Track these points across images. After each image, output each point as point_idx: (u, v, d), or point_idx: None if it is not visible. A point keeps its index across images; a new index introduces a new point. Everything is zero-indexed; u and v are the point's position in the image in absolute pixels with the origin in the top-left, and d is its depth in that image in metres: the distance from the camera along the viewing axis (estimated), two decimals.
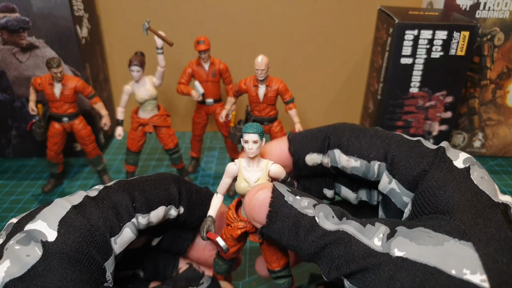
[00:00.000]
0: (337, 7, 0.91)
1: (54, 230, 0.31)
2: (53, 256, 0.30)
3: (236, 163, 0.40)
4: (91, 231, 0.33)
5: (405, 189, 0.33)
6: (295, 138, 0.40)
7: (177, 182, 0.40)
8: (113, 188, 0.37)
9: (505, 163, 0.88)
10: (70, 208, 0.33)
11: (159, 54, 0.71)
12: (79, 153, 0.90)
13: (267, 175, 0.39)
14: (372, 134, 0.37)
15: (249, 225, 0.40)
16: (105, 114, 0.75)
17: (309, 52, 0.95)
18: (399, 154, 0.34)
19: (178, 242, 0.45)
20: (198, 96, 0.77)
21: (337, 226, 0.31)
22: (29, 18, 0.77)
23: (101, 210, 0.34)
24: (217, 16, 0.91)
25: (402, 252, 0.27)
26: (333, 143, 0.38)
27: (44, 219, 0.32)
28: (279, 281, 0.44)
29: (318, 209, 0.33)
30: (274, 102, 0.69)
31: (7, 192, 0.77)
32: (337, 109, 1.02)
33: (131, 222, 0.36)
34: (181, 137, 0.99)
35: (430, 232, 0.28)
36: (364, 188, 0.41)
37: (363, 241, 0.29)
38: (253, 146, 0.37)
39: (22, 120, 0.86)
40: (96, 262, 0.32)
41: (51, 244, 0.30)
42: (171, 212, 0.40)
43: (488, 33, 0.78)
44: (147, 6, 0.90)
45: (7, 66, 0.81)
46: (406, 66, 0.73)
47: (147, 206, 0.37)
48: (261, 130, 0.37)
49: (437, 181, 0.31)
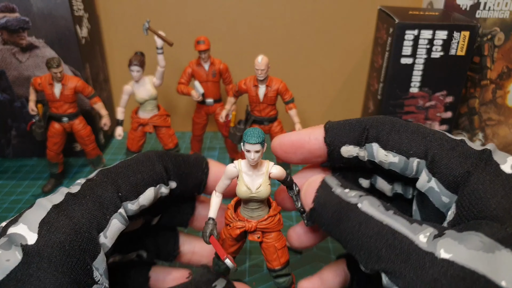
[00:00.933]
0: (337, 7, 0.91)
1: (35, 233, 0.30)
2: (33, 260, 0.29)
3: (236, 165, 0.39)
4: (75, 229, 0.31)
5: (445, 189, 0.32)
6: (332, 127, 0.38)
7: (161, 159, 0.39)
8: (95, 181, 0.35)
9: None
10: (51, 208, 0.32)
11: (159, 54, 0.71)
12: (79, 153, 0.90)
13: (268, 178, 0.38)
14: (413, 130, 0.35)
15: (248, 224, 0.40)
16: (105, 114, 0.75)
17: (309, 52, 0.95)
18: (440, 153, 0.33)
19: (178, 217, 0.45)
20: (198, 96, 0.77)
21: (382, 216, 0.30)
22: (29, 18, 0.77)
23: (84, 206, 0.33)
24: (217, 16, 0.91)
25: (449, 254, 0.26)
26: (371, 136, 0.36)
27: (25, 222, 0.31)
28: (279, 280, 0.44)
29: (363, 198, 0.32)
30: (274, 102, 0.69)
31: (7, 192, 0.77)
32: (337, 109, 1.02)
33: (118, 213, 0.35)
34: (181, 137, 0.99)
35: (482, 237, 0.26)
36: (400, 181, 0.39)
37: (408, 236, 0.28)
38: (255, 156, 0.37)
39: (22, 120, 0.86)
40: (81, 263, 0.31)
41: (31, 247, 0.29)
42: (161, 191, 0.39)
43: (488, 33, 0.78)
44: (147, 6, 0.90)
45: (7, 66, 0.81)
46: (406, 66, 0.73)
47: (134, 192, 0.36)
48: (263, 138, 0.36)
49: (484, 184, 0.29)
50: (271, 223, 0.41)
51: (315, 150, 0.39)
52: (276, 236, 0.42)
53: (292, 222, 0.69)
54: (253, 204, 0.40)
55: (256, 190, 0.38)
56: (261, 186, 0.38)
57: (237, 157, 0.84)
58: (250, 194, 0.39)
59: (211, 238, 0.39)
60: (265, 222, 0.41)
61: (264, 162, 0.39)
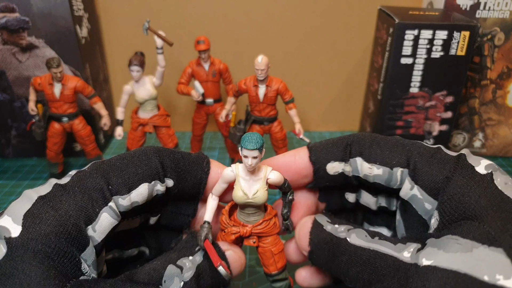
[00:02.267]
0: (337, 7, 0.90)
1: (19, 225, 0.30)
2: (17, 253, 0.28)
3: (233, 169, 0.38)
4: (61, 221, 0.31)
5: (427, 195, 0.34)
6: (315, 146, 0.40)
7: (158, 154, 0.37)
8: (86, 172, 0.34)
9: (506, 163, 0.88)
10: (36, 199, 0.31)
11: (159, 54, 0.71)
12: (79, 153, 0.90)
13: (265, 183, 0.38)
14: (393, 142, 0.37)
15: (243, 229, 0.39)
16: (105, 114, 0.75)
17: (309, 52, 0.95)
18: (421, 160, 0.34)
19: (178, 218, 0.43)
20: (198, 96, 0.77)
21: (369, 244, 0.32)
22: (29, 18, 0.77)
23: (71, 198, 0.32)
24: (217, 16, 0.91)
25: (430, 261, 0.27)
26: (354, 150, 0.38)
27: (10, 214, 0.30)
28: (277, 284, 0.44)
29: (351, 232, 0.34)
30: (274, 102, 0.69)
31: (7, 192, 0.77)
32: (337, 109, 1.02)
33: (108, 206, 0.34)
34: (181, 137, 0.99)
35: (458, 239, 0.28)
36: (384, 194, 0.41)
37: (393, 255, 0.30)
38: (252, 162, 0.36)
39: (22, 120, 0.86)
40: (68, 255, 0.30)
41: (15, 240, 0.29)
42: (157, 188, 0.37)
43: (488, 33, 0.78)
44: (147, 6, 0.90)
45: (7, 66, 0.81)
46: (406, 66, 0.73)
47: (125, 186, 0.35)
48: (261, 144, 0.36)
49: (461, 187, 0.31)
50: (266, 227, 0.40)
51: (301, 170, 0.40)
52: (273, 240, 0.41)
53: None
54: (249, 209, 0.39)
55: (252, 195, 0.38)
56: (258, 192, 0.38)
57: (237, 157, 0.84)
58: (246, 200, 0.38)
59: (206, 243, 0.38)
60: (260, 227, 0.40)
61: (262, 167, 0.38)
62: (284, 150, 0.73)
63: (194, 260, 0.37)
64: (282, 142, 0.72)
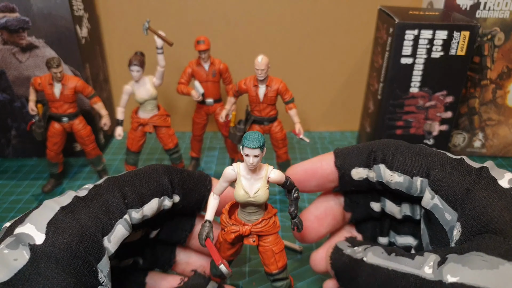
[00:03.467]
0: (337, 7, 0.91)
1: (42, 233, 0.31)
2: (41, 259, 0.29)
3: (234, 168, 0.38)
4: (81, 231, 0.32)
5: (448, 205, 0.34)
6: (341, 152, 0.41)
7: (167, 172, 0.40)
8: (103, 187, 0.37)
9: (506, 163, 0.88)
10: (58, 210, 0.33)
11: (159, 54, 0.71)
12: (79, 153, 0.90)
13: (267, 182, 0.38)
14: (416, 151, 0.37)
15: (242, 228, 0.40)
16: (105, 114, 0.75)
17: (309, 52, 0.95)
18: (441, 171, 0.35)
19: (176, 232, 0.46)
20: (198, 96, 0.77)
21: (386, 262, 0.33)
22: (29, 18, 0.77)
23: (90, 210, 0.34)
24: (217, 16, 0.91)
25: (456, 278, 0.27)
26: (378, 157, 0.39)
27: (33, 222, 0.31)
28: (277, 284, 0.43)
29: (367, 250, 0.35)
30: (274, 102, 0.69)
31: (7, 192, 0.77)
32: (337, 109, 1.02)
33: (123, 218, 0.36)
34: (181, 137, 0.99)
35: (483, 255, 0.28)
36: (407, 203, 0.41)
37: (414, 273, 0.30)
38: (254, 160, 0.36)
39: (22, 120, 0.86)
40: (86, 264, 0.31)
41: (39, 247, 0.30)
42: (165, 203, 0.40)
43: (488, 33, 0.78)
44: (147, 6, 0.90)
45: (7, 66, 0.81)
46: (406, 66, 0.73)
47: (139, 200, 0.37)
48: (262, 143, 0.36)
49: (484, 200, 0.31)
50: (265, 226, 0.40)
51: (328, 175, 0.41)
52: (273, 239, 0.41)
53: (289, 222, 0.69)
54: (250, 208, 0.40)
55: (254, 194, 0.38)
56: (259, 191, 0.38)
57: (237, 157, 0.84)
58: (247, 199, 0.38)
59: (207, 241, 0.39)
60: (260, 226, 0.40)
61: (263, 166, 0.38)
62: (284, 150, 0.73)
63: None
64: (282, 142, 0.72)
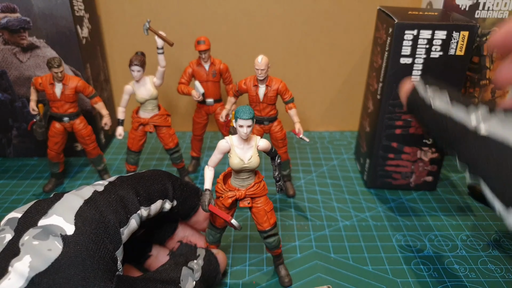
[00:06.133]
0: (337, 7, 0.91)
1: (71, 224, 0.33)
2: (73, 249, 0.31)
3: (227, 140, 0.45)
4: (105, 222, 0.35)
5: None
6: None
7: (170, 178, 0.45)
8: (117, 184, 0.40)
9: None
10: (83, 203, 0.35)
11: (159, 54, 0.71)
12: (79, 152, 0.90)
13: (257, 150, 0.45)
14: None
15: (238, 192, 0.46)
16: (105, 114, 0.75)
17: (309, 52, 0.96)
18: None
19: (159, 234, 0.51)
20: (198, 96, 0.77)
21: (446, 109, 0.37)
22: (30, 18, 0.77)
23: (110, 203, 0.37)
24: (217, 16, 0.92)
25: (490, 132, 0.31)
26: None
27: (59, 214, 0.34)
28: (270, 240, 0.50)
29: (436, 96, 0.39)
30: (274, 101, 0.69)
31: (7, 191, 0.77)
32: (337, 109, 1.03)
33: (136, 214, 0.39)
34: (182, 137, 1.00)
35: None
36: None
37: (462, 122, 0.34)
38: (247, 130, 0.43)
39: (23, 120, 0.86)
40: (109, 252, 0.34)
41: (70, 237, 0.32)
42: (165, 206, 0.44)
43: (487, 33, 0.78)
44: (148, 7, 0.91)
45: (8, 66, 0.81)
46: (405, 66, 0.73)
47: (148, 199, 0.41)
48: (253, 114, 0.42)
49: None
50: (258, 188, 0.47)
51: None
52: (264, 200, 0.48)
53: (274, 187, 0.75)
54: (244, 174, 0.46)
55: (248, 161, 0.44)
56: (252, 157, 0.44)
57: None
58: (243, 165, 0.44)
59: (210, 206, 0.45)
60: (253, 189, 0.47)
61: (253, 137, 0.45)
62: (284, 149, 0.74)
63: (199, 263, 0.45)
64: (282, 141, 0.73)
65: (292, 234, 0.65)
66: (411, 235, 0.65)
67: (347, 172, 0.85)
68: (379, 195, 0.76)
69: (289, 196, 0.75)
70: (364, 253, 0.61)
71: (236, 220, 0.47)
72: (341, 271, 0.57)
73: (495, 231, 0.66)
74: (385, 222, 0.68)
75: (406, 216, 0.69)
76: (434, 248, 0.62)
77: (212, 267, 0.47)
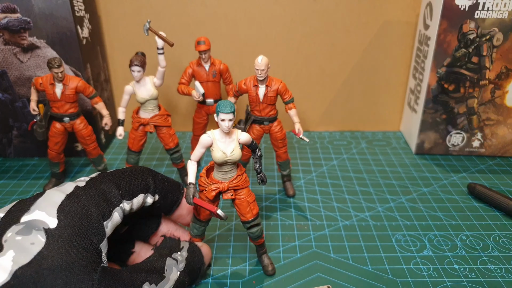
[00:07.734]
0: (337, 7, 0.91)
1: (54, 217, 0.34)
2: (57, 241, 0.32)
3: (209, 135, 0.46)
4: (87, 215, 0.36)
5: None
6: None
7: (151, 173, 0.46)
8: (98, 179, 0.41)
9: (504, 162, 0.88)
10: (65, 197, 0.36)
11: (159, 55, 0.71)
12: (80, 152, 0.90)
13: (238, 143, 0.46)
14: None
15: (221, 185, 0.47)
16: (106, 114, 0.75)
17: (309, 52, 0.96)
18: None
19: (143, 230, 0.51)
20: (198, 96, 0.78)
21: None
22: (30, 18, 0.77)
23: (92, 197, 0.38)
24: (217, 16, 0.92)
25: None
26: None
27: (42, 209, 0.34)
28: (253, 230, 0.51)
29: None
30: (274, 102, 0.69)
31: (8, 191, 0.78)
32: (337, 109, 1.03)
33: (119, 207, 0.40)
34: (182, 137, 1.00)
35: None
36: None
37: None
38: (229, 124, 0.44)
39: (23, 120, 0.86)
40: (93, 244, 0.35)
41: (53, 230, 0.33)
42: (147, 200, 0.45)
43: (487, 33, 0.78)
44: (148, 7, 0.91)
45: (8, 66, 0.81)
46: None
47: (130, 193, 0.42)
48: (234, 108, 0.44)
49: None
50: (240, 180, 0.48)
51: None
52: (247, 192, 0.49)
53: (255, 179, 0.78)
54: (226, 167, 0.47)
55: (230, 153, 0.45)
56: (234, 150, 0.45)
57: None
58: (225, 158, 0.45)
59: (195, 199, 0.45)
60: (236, 181, 0.48)
61: (234, 131, 0.46)
62: (284, 149, 0.74)
63: (182, 255, 0.47)
64: (282, 142, 0.73)
65: (292, 234, 0.65)
66: (411, 235, 0.65)
67: (347, 172, 0.85)
68: (379, 195, 0.76)
69: (289, 196, 0.76)
70: (364, 253, 0.61)
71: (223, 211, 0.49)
72: (341, 271, 0.57)
73: (495, 231, 0.66)
74: (385, 222, 0.68)
75: (405, 216, 0.70)
76: (434, 248, 0.62)
77: (196, 259, 0.48)
